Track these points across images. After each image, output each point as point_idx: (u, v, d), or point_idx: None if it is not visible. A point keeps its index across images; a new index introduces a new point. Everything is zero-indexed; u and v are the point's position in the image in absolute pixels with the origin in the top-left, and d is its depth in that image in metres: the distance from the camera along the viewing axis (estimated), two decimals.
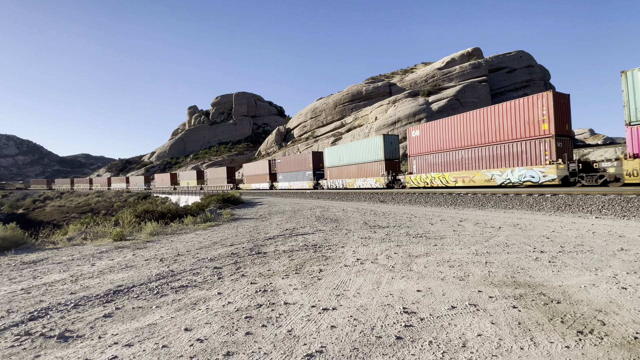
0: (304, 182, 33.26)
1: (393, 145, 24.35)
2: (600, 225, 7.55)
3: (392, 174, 23.26)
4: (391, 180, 23.22)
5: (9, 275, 5.51)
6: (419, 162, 20.83)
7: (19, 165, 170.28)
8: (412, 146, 21.44)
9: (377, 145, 24.25)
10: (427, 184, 20.07)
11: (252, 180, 44.98)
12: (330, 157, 29.72)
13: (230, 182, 49.09)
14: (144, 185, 71.40)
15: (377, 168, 24.15)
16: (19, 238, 8.83)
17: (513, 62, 56.80)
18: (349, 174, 27.18)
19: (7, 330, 3.21)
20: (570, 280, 3.87)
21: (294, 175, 35.22)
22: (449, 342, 2.59)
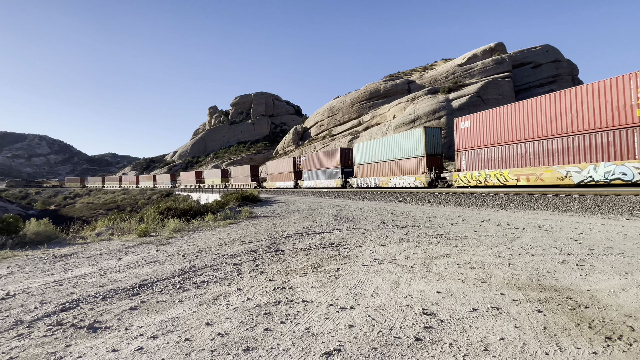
0: (331, 181, 31.61)
1: (435, 139, 21.71)
2: (632, 228, 7.15)
3: (435, 172, 20.82)
4: (434, 178, 20.79)
5: (42, 268, 5.84)
6: (469, 158, 18.19)
7: (50, 164, 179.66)
8: (461, 139, 18.66)
9: (417, 139, 21.67)
10: (480, 183, 17.55)
11: (275, 178, 43.57)
12: (361, 154, 27.64)
13: (254, 180, 48.47)
14: (170, 183, 72.40)
15: (417, 165, 21.79)
16: (52, 233, 9.33)
17: (539, 56, 54.52)
18: (383, 171, 25.09)
19: (41, 320, 3.41)
20: (598, 285, 3.70)
21: (320, 173, 33.58)
22: (470, 345, 2.53)
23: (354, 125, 59.37)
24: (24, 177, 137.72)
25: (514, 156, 16.06)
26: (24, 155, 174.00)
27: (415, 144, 22.04)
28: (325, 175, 32.70)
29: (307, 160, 36.18)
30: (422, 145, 21.47)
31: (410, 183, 22.48)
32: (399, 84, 59.75)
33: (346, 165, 30.40)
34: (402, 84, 59.65)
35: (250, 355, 2.51)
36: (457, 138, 19.06)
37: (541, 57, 54.46)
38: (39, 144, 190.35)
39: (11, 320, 3.42)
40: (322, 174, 33.29)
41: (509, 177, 16.26)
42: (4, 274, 5.50)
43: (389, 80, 62.88)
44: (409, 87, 59.03)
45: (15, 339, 2.99)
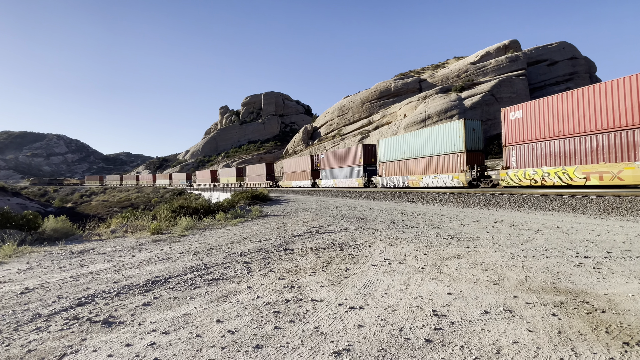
0: (352, 180, 29.20)
1: (476, 133, 19.04)
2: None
3: (477, 169, 18.27)
4: (476, 176, 18.22)
5: (59, 263, 6.01)
6: (521, 153, 15.58)
7: (68, 163, 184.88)
8: (510, 132, 16.15)
9: (455, 133, 19.00)
10: (536, 182, 14.97)
11: (292, 177, 41.41)
12: (387, 150, 24.99)
13: (269, 179, 47.04)
14: (185, 182, 72.04)
15: (455, 162, 19.20)
16: (69, 230, 9.60)
17: (554, 54, 53.16)
18: (413, 169, 22.50)
19: (58, 314, 3.51)
20: (616, 289, 3.59)
21: (340, 171, 31.16)
22: (482, 347, 2.49)
23: (364, 125, 59.09)
24: (43, 175, 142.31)
25: (581, 151, 13.50)
26: (42, 154, 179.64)
27: (452, 139, 19.27)
28: (346, 173, 30.28)
29: (326, 158, 33.58)
30: (460, 140, 18.71)
31: (446, 182, 19.74)
32: (410, 82, 59.17)
33: (369, 163, 27.90)
34: (413, 82, 59.04)
35: (260, 353, 2.53)
36: (506, 130, 16.39)
37: (557, 54, 53.09)
38: (57, 143, 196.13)
39: (30, 314, 3.54)
40: (342, 173, 30.94)
41: (575, 176, 13.60)
42: (23, 268, 5.70)
43: (400, 79, 62.33)
44: (420, 85, 58.40)
45: (34, 332, 3.10)
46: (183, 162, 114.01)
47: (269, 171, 48.25)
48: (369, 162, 28.08)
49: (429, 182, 21.24)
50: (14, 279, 5.01)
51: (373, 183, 27.23)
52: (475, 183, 18.51)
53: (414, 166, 22.56)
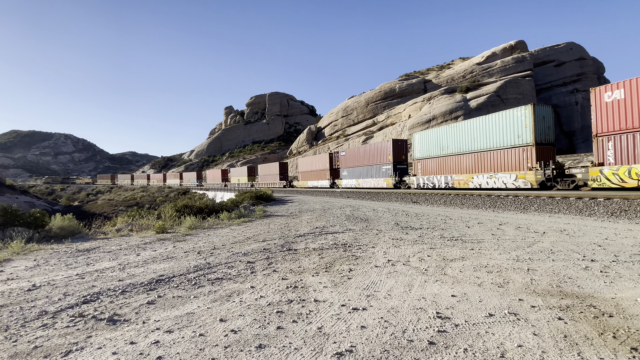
0: (379, 180, 25.63)
1: (546, 122, 15.25)
2: None
3: (552, 167, 14.40)
4: (551, 175, 14.35)
5: (66, 261, 6.08)
6: (622, 146, 12.00)
7: (75, 162, 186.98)
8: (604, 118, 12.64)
9: (520, 122, 15.36)
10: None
11: (308, 177, 37.90)
12: (424, 145, 21.32)
13: (283, 179, 44.02)
14: (196, 182, 70.08)
15: (519, 157, 15.46)
16: (75, 228, 9.70)
17: (562, 54, 52.60)
18: (459, 167, 18.62)
19: (64, 311, 3.55)
20: (624, 293, 3.53)
21: (364, 170, 27.71)
22: (486, 351, 2.47)
23: (368, 125, 58.99)
24: (51, 173, 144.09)
25: None
26: (50, 153, 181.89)
27: (515, 129, 15.61)
28: (372, 172, 26.71)
29: (348, 156, 30.11)
30: (528, 130, 14.98)
31: (508, 183, 15.96)
32: (414, 83, 58.95)
33: (399, 161, 24.31)
34: (418, 83, 58.81)
35: (263, 353, 2.53)
36: (598, 117, 13.00)
37: (564, 55, 52.53)
38: (64, 142, 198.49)
39: (37, 310, 3.58)
40: (366, 172, 27.43)
41: None
42: (30, 266, 5.77)
43: (405, 79, 62.13)
44: (425, 86, 58.15)
45: (40, 328, 3.13)
46: (188, 162, 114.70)
47: (282, 170, 45.01)
48: (400, 160, 24.35)
49: (482, 182, 17.12)
50: (21, 276, 5.08)
51: (405, 183, 23.51)
52: (550, 184, 14.62)
53: (461, 163, 18.49)
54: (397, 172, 24.18)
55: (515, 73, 49.21)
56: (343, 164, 31.07)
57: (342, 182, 31.06)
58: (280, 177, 44.24)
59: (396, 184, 24.09)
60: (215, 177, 66.21)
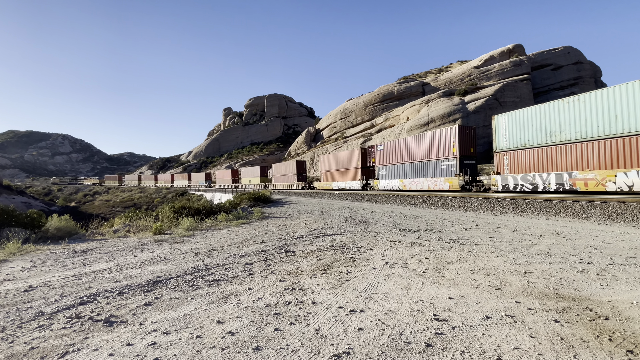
0: (437, 180, 19.82)
1: None
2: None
3: None
4: None
5: (62, 262, 6.05)
6: None
7: (72, 162, 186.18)
8: None
9: None
10: None
11: (332, 177, 32.54)
12: (516, 131, 15.48)
13: (301, 179, 39.47)
14: (204, 183, 66.72)
15: None
16: (72, 229, 9.66)
17: (559, 58, 52.99)
18: (588, 159, 12.67)
19: (60, 312, 3.53)
20: (620, 296, 3.56)
21: (412, 168, 22.07)
22: (483, 353, 2.48)
23: (366, 128, 59.13)
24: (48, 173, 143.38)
25: None
26: (47, 153, 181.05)
27: None
28: (424, 170, 21.01)
29: (387, 150, 24.61)
30: None
31: None
32: (413, 86, 59.18)
33: (468, 155, 18.78)
34: (417, 86, 59.05)
35: (260, 355, 2.53)
36: None
37: (562, 58, 52.92)
38: (61, 142, 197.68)
39: (33, 311, 3.56)
40: (416, 170, 21.74)
41: None
42: (27, 267, 5.73)
43: (403, 82, 62.36)
44: (423, 89, 58.38)
45: (37, 329, 3.11)
46: (186, 163, 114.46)
47: (300, 170, 39.88)
48: (468, 153, 18.81)
49: (634, 181, 11.28)
50: (18, 277, 5.05)
51: (481, 184, 17.99)
52: None
53: (588, 154, 12.66)
54: (465, 170, 18.34)
55: (513, 76, 49.51)
56: (380, 160, 25.34)
57: (379, 182, 25.23)
58: (298, 178, 39.37)
59: (465, 185, 18.11)
60: (225, 179, 62.75)
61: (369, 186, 27.15)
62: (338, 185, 31.49)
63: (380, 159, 25.67)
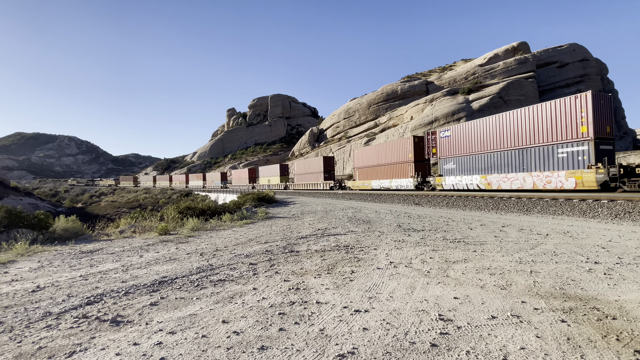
0: (553, 175, 14.22)
1: None
2: None
3: None
4: None
5: (69, 263, 6.11)
6: None
7: (78, 164, 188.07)
8: None
9: None
10: None
11: (369, 174, 27.38)
12: None
13: (329, 178, 34.13)
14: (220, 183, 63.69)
15: None
16: (79, 229, 9.76)
17: (565, 56, 52.45)
18: None
19: (68, 312, 3.57)
20: (628, 295, 3.51)
21: (503, 158, 16.40)
22: (488, 353, 2.47)
23: (370, 127, 59.00)
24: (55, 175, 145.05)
25: None
26: (54, 155, 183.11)
27: None
28: (527, 161, 15.23)
29: (457, 136, 19.14)
30: None
31: None
32: (416, 85, 58.94)
33: (604, 137, 13.28)
34: (420, 85, 58.80)
35: (265, 354, 2.54)
36: None
37: (567, 56, 52.36)
38: (68, 144, 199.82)
39: (41, 311, 3.61)
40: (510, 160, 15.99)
41: None
42: (35, 267, 5.81)
43: (407, 81, 62.14)
44: (427, 88, 58.13)
45: (45, 329, 3.15)
46: (190, 164, 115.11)
47: (328, 167, 34.58)
48: (604, 135, 13.27)
49: None
50: (25, 278, 5.12)
51: None
52: None
53: None
54: (602, 159, 12.89)
55: (518, 74, 49.10)
56: (446, 150, 19.89)
57: (443, 180, 19.80)
58: (325, 176, 34.42)
59: (610, 183, 12.68)
60: (241, 178, 58.53)
61: (427, 185, 21.71)
62: (380, 185, 25.88)
63: (446, 148, 19.81)
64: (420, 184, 22.23)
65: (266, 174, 49.71)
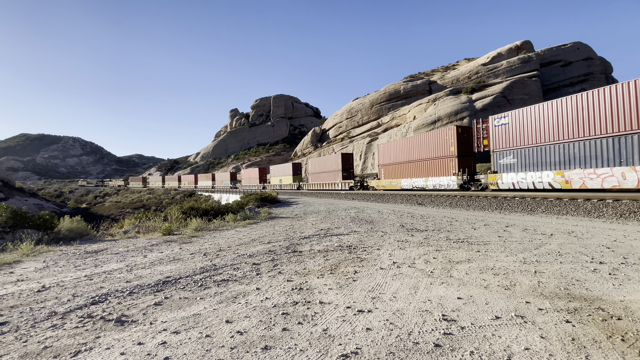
0: None
1: None
2: None
3: None
4: None
5: (74, 263, 6.16)
6: None
7: (83, 165, 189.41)
8: None
9: None
10: None
11: (398, 172, 23.81)
12: None
13: (347, 177, 31.58)
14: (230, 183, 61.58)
15: None
16: (83, 230, 9.83)
17: (569, 54, 52.08)
18: None
19: (73, 312, 3.60)
20: (633, 295, 3.48)
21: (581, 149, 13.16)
22: (492, 354, 2.46)
23: (372, 127, 58.92)
24: (60, 176, 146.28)
25: None
26: (59, 156, 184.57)
27: None
28: (627, 152, 11.93)
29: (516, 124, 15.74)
30: None
31: None
32: (419, 84, 58.78)
33: None
34: (423, 84, 58.63)
35: (268, 354, 2.54)
36: None
37: (571, 55, 52.00)
38: (72, 145, 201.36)
39: (46, 311, 3.64)
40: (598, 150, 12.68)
41: None
42: (40, 267, 5.86)
43: (409, 81, 61.98)
44: (429, 87, 57.95)
45: (50, 329, 3.18)
46: (194, 164, 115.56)
47: (346, 165, 31.58)
48: None
49: None
50: (31, 277, 5.16)
51: None
52: None
53: None
54: None
55: (522, 73, 48.81)
56: (502, 141, 16.29)
57: (499, 177, 16.27)
58: (344, 175, 31.60)
59: None
60: (251, 178, 55.78)
61: (476, 183, 18.23)
62: (412, 184, 22.40)
63: (502, 139, 16.27)
64: (467, 183, 18.66)
65: (277, 173, 46.83)
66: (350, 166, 32.39)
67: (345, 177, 31.60)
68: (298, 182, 41.35)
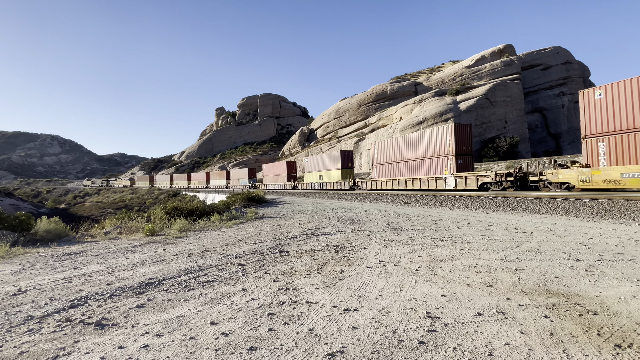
0: None
1: None
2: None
3: None
4: None
5: (52, 265, 5.95)
6: None
7: (61, 163, 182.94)
8: None
9: None
10: None
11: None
12: None
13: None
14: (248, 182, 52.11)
15: None
16: (62, 231, 9.50)
17: (549, 58, 53.84)
18: None
19: (50, 316, 3.47)
20: (608, 291, 3.63)
21: None
22: (475, 349, 2.51)
23: (360, 127, 59.31)
24: (37, 175, 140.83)
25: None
26: (36, 154, 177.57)
27: None
28: None
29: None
30: None
31: None
32: (405, 85, 59.54)
33: None
34: (409, 85, 59.43)
35: (254, 355, 2.52)
36: None
37: (551, 58, 53.77)
38: (50, 143, 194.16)
39: (22, 315, 3.50)
40: None
41: None
42: (16, 270, 5.62)
43: (396, 82, 62.70)
44: (415, 89, 58.79)
45: (26, 333, 3.06)
46: (178, 163, 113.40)
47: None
48: None
49: None
50: (6, 281, 4.95)
51: None
52: None
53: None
54: None
55: (504, 76, 50.14)
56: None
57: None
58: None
59: None
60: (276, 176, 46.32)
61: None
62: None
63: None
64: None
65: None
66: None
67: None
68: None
